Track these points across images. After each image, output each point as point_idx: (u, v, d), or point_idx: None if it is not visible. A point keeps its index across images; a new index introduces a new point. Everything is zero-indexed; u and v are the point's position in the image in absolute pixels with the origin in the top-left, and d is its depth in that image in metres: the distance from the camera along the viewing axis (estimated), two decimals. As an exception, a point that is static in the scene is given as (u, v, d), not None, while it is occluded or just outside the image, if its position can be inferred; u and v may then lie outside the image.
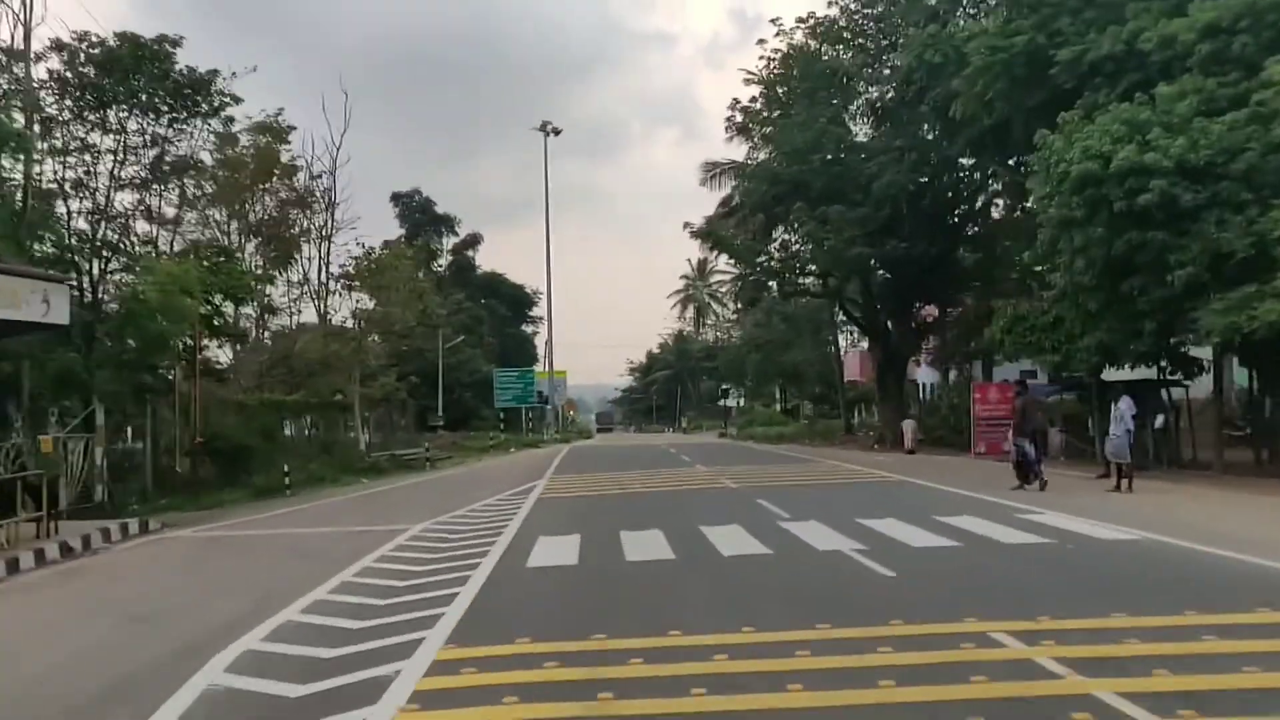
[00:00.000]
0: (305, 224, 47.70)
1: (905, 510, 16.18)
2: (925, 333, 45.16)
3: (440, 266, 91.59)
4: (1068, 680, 6.50)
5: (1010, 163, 30.94)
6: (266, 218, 47.97)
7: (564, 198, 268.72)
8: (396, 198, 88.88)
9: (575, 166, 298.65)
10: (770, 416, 71.28)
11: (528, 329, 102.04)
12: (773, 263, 43.35)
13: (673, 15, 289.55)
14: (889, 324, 42.65)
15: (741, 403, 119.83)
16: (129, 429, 30.03)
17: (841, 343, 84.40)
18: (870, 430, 49.43)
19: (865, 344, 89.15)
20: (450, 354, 73.00)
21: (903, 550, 12.16)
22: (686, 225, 54.83)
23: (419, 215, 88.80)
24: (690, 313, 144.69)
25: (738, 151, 48.67)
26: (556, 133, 75.15)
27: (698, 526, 14.93)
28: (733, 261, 49.63)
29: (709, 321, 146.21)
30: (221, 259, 35.91)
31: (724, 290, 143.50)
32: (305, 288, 48.54)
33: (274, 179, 48.05)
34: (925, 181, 37.05)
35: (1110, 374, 25.10)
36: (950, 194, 39.02)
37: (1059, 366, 24.83)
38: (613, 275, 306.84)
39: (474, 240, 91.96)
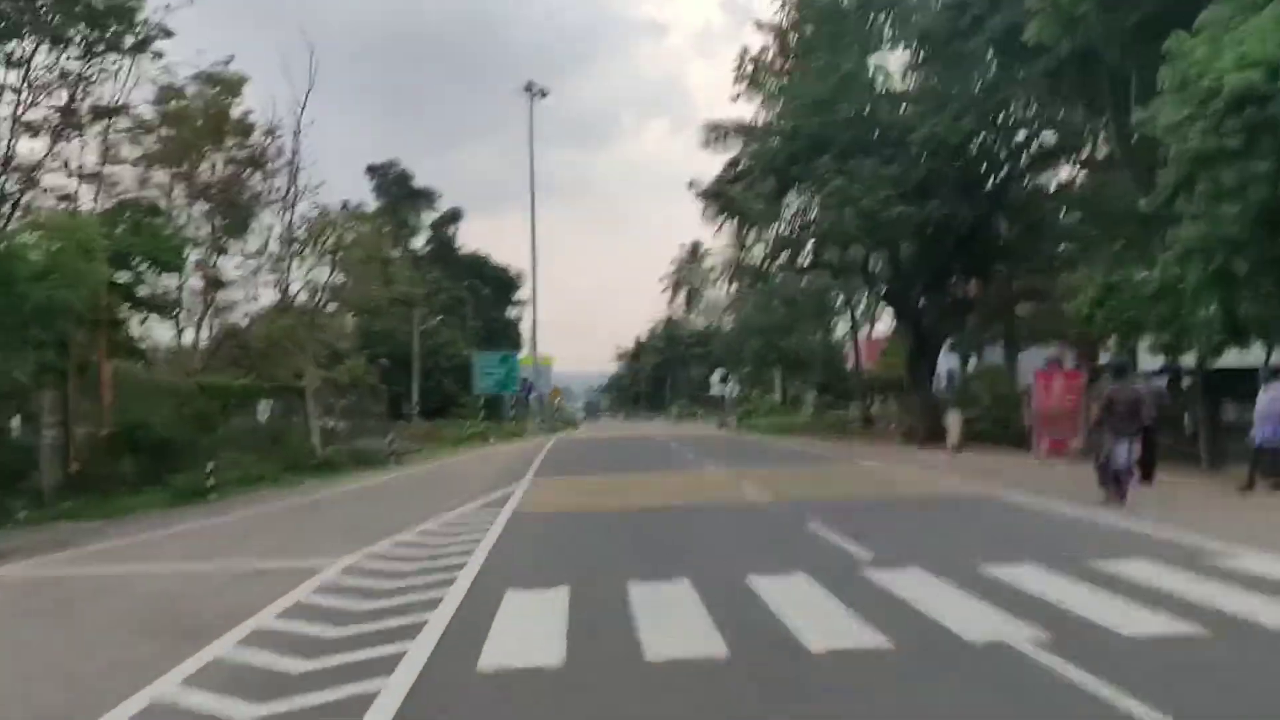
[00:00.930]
0: (262, 188, 42.53)
1: (1043, 550, 11.12)
2: (963, 311, 40.01)
3: (419, 245, 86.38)
4: None
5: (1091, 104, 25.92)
6: (216, 180, 43.33)
7: (552, 187, 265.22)
8: (372, 170, 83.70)
9: (564, 156, 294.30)
10: (773, 406, 66.25)
11: (513, 313, 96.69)
12: (788, 231, 38.32)
13: (664, 3, 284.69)
14: (921, 301, 37.59)
15: (735, 391, 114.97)
16: (16, 418, 24.96)
17: (847, 327, 79.96)
18: (893, 423, 44.56)
19: (871, 329, 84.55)
20: (428, 337, 67.79)
21: (1118, 645, 7.15)
22: (691, 184, 49.63)
23: (395, 189, 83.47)
24: (681, 298, 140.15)
25: (745, 111, 43.83)
26: (543, 94, 70.00)
27: (744, 577, 9.88)
28: (744, 228, 44.38)
29: (700, 306, 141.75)
30: (147, 219, 30.88)
31: (717, 273, 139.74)
32: (264, 259, 43.16)
33: (225, 137, 43.48)
34: (970, 133, 31.88)
35: (1228, 359, 20.06)
36: (999, 148, 33.87)
37: (1169, 347, 19.75)
38: (601, 265, 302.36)
39: (454, 216, 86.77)
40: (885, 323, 60.30)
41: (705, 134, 45.86)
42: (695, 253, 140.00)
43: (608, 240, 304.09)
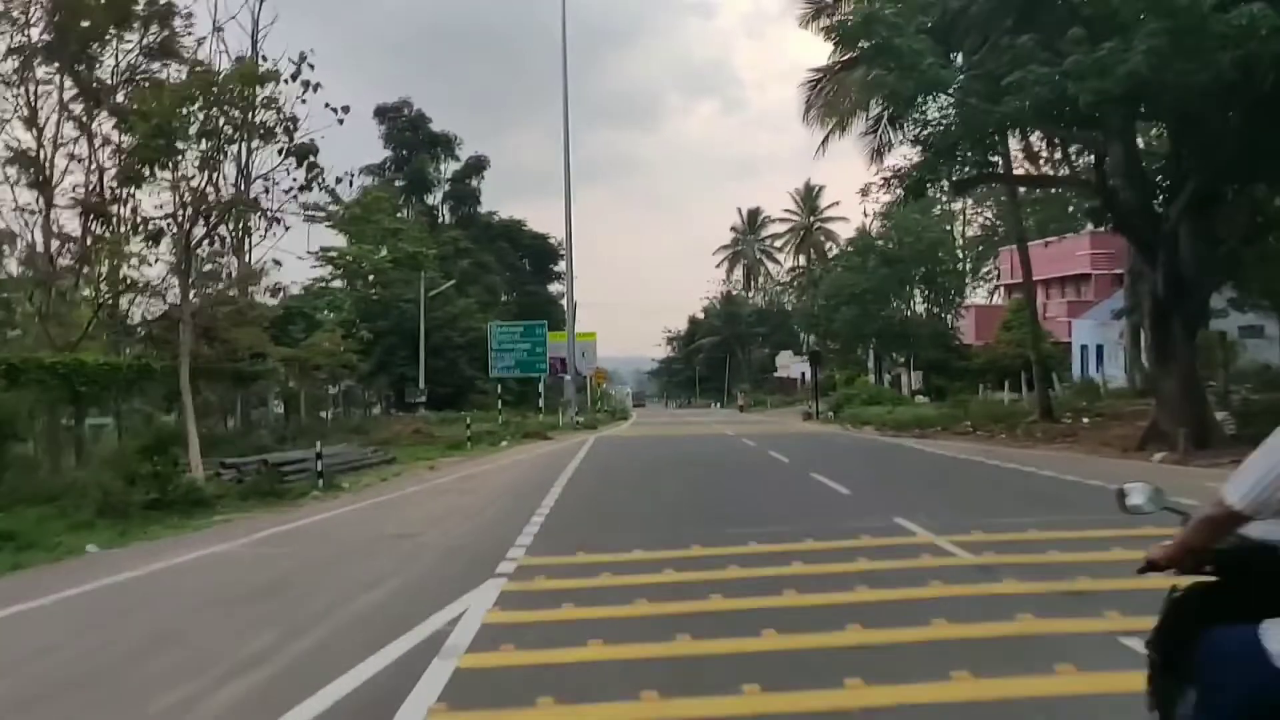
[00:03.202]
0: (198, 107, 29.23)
1: None
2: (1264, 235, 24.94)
3: (437, 201, 73.03)
4: None
5: None
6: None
7: (598, 168, 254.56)
8: (381, 113, 70.07)
9: (611, 137, 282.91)
10: (875, 391, 51.84)
11: (554, 289, 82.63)
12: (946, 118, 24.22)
13: None
14: (1179, 232, 23.08)
15: (812, 373, 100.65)
16: None
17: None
18: (1083, 418, 30.37)
19: (991, 291, 69.96)
20: (438, 305, 54.32)
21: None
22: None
23: (408, 134, 69.98)
24: (739, 273, 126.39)
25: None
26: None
27: None
28: (875, 126, 30.11)
29: (759, 282, 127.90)
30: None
31: (781, 243, 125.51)
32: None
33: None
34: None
35: None
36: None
37: None
38: (649, 247, 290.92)
39: (478, 166, 72.91)
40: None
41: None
42: (754, 223, 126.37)
43: (655, 223, 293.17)
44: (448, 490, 18.96)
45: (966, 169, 24.85)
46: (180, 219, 21.37)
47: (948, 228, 62.37)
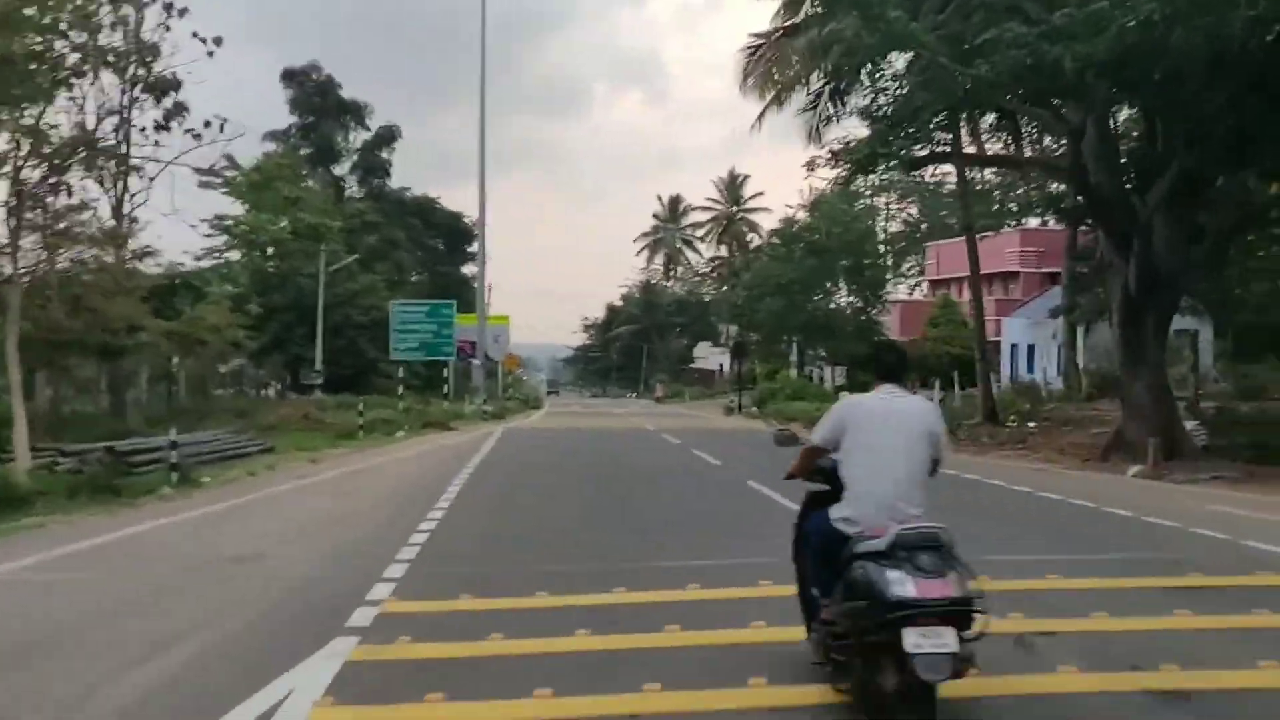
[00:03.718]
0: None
1: None
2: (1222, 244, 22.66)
3: (345, 172, 69.19)
4: None
5: None
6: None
7: (521, 155, 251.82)
8: (289, 75, 65.96)
9: (535, 124, 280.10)
10: (803, 387, 49.44)
11: (467, 271, 78.97)
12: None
13: None
14: (1155, 222, 20.84)
15: (734, 366, 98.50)
16: None
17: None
18: (1032, 423, 28.21)
19: (919, 286, 68.31)
20: (340, 281, 50.76)
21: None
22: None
23: (317, 99, 65.99)
24: (659, 261, 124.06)
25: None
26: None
27: None
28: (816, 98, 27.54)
29: (679, 271, 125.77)
30: None
31: (703, 232, 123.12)
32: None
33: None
34: None
35: None
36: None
37: None
38: (569, 236, 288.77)
39: (389, 137, 69.05)
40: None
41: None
42: (675, 210, 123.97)
43: (577, 211, 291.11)
44: (322, 491, 15.96)
45: (922, 145, 22.37)
46: (15, 161, 18.01)
47: (870, 222, 60.46)
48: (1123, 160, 21.23)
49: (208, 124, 20.20)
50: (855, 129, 25.26)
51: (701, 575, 9.10)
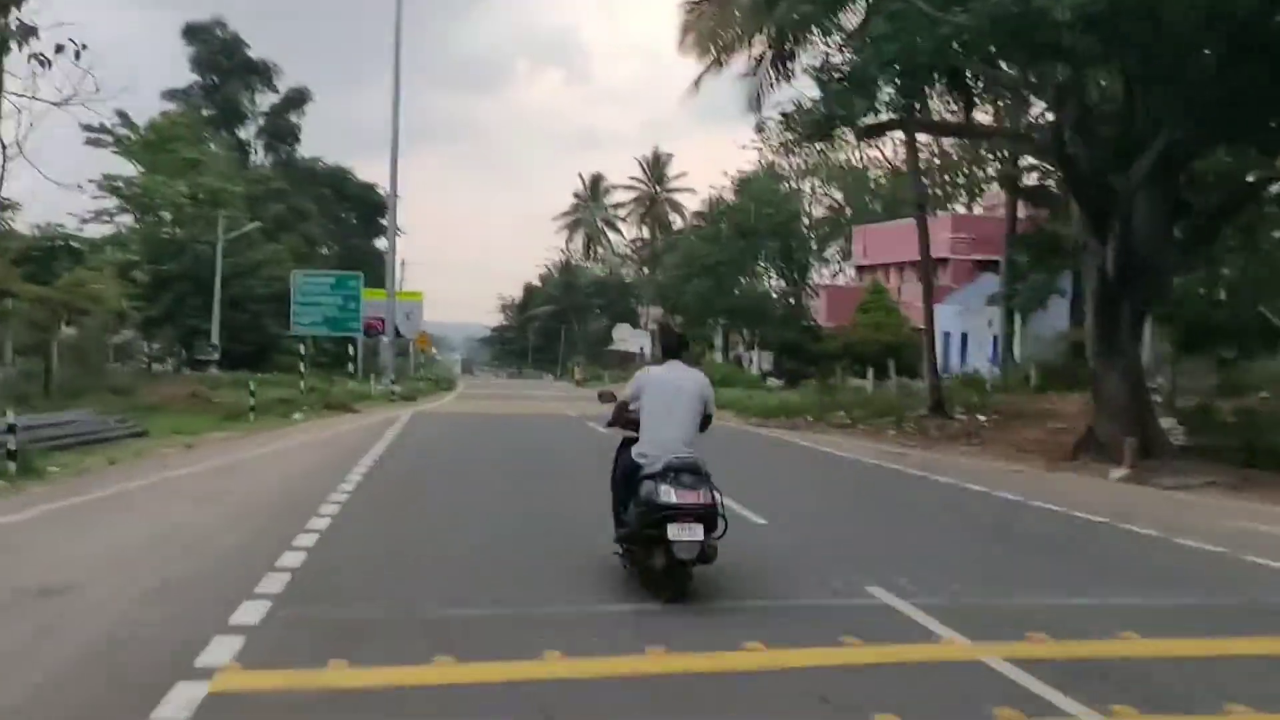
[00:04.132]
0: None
1: None
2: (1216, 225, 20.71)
3: (250, 136, 65.39)
4: None
5: None
6: None
7: (440, 131, 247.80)
8: (191, 32, 62.00)
9: (455, 101, 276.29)
10: (729, 372, 47.20)
11: (381, 245, 75.29)
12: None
13: None
14: (1135, 201, 18.89)
15: (649, 349, 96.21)
16: None
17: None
18: (979, 415, 26.32)
19: (843, 271, 66.75)
20: (239, 250, 47.42)
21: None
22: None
23: (221, 58, 62.13)
24: (578, 242, 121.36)
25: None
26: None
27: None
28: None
29: (599, 251, 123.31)
30: None
31: (625, 212, 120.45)
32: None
33: None
34: None
35: None
36: None
37: None
38: (488, 214, 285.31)
39: (299, 98, 65.37)
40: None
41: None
42: (596, 190, 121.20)
43: (496, 190, 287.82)
44: (183, 492, 13.24)
45: (885, 108, 20.22)
46: None
47: (798, 205, 58.74)
48: (1103, 132, 19.24)
49: (59, 48, 17.26)
50: (803, 93, 22.95)
51: (666, 632, 6.77)
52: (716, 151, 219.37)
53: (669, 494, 7.38)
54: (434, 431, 24.79)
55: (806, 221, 64.28)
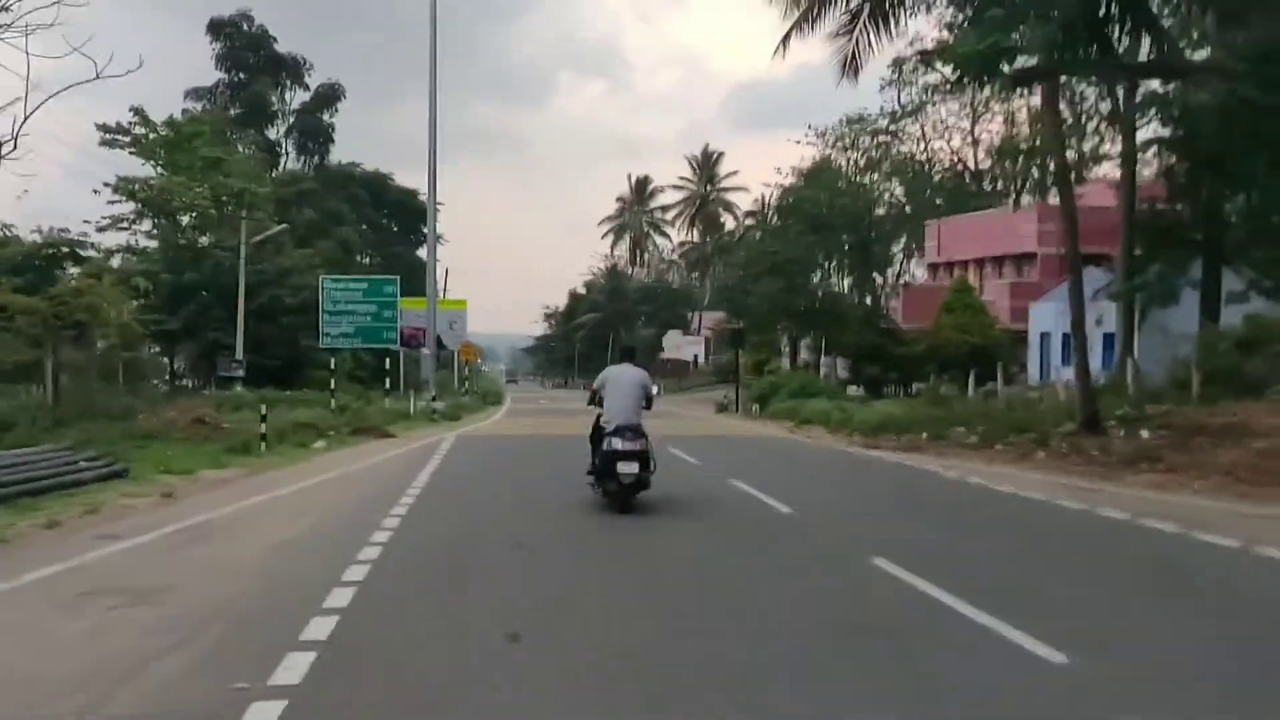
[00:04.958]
0: None
1: None
2: None
3: (278, 136, 61.51)
4: None
5: None
6: None
7: (482, 143, 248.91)
8: (216, 28, 58.24)
9: (496, 113, 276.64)
10: (809, 382, 42.22)
11: (424, 255, 71.05)
12: None
13: None
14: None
15: (703, 356, 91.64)
16: None
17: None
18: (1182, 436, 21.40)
19: (907, 269, 62.03)
20: (265, 258, 43.40)
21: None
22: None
23: (247, 54, 58.31)
24: (623, 249, 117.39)
25: None
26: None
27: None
28: None
29: (645, 256, 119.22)
30: None
31: (673, 215, 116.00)
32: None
33: None
34: None
35: None
36: None
37: None
38: (530, 224, 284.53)
39: (331, 96, 61.39)
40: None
41: None
42: (642, 193, 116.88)
43: (537, 200, 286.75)
44: (106, 587, 8.67)
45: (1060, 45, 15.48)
46: None
47: (877, 193, 53.85)
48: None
49: None
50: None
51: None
52: (757, 159, 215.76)
53: (618, 444, 12.56)
54: (483, 464, 20.28)
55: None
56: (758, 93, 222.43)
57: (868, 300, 49.38)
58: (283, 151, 61.20)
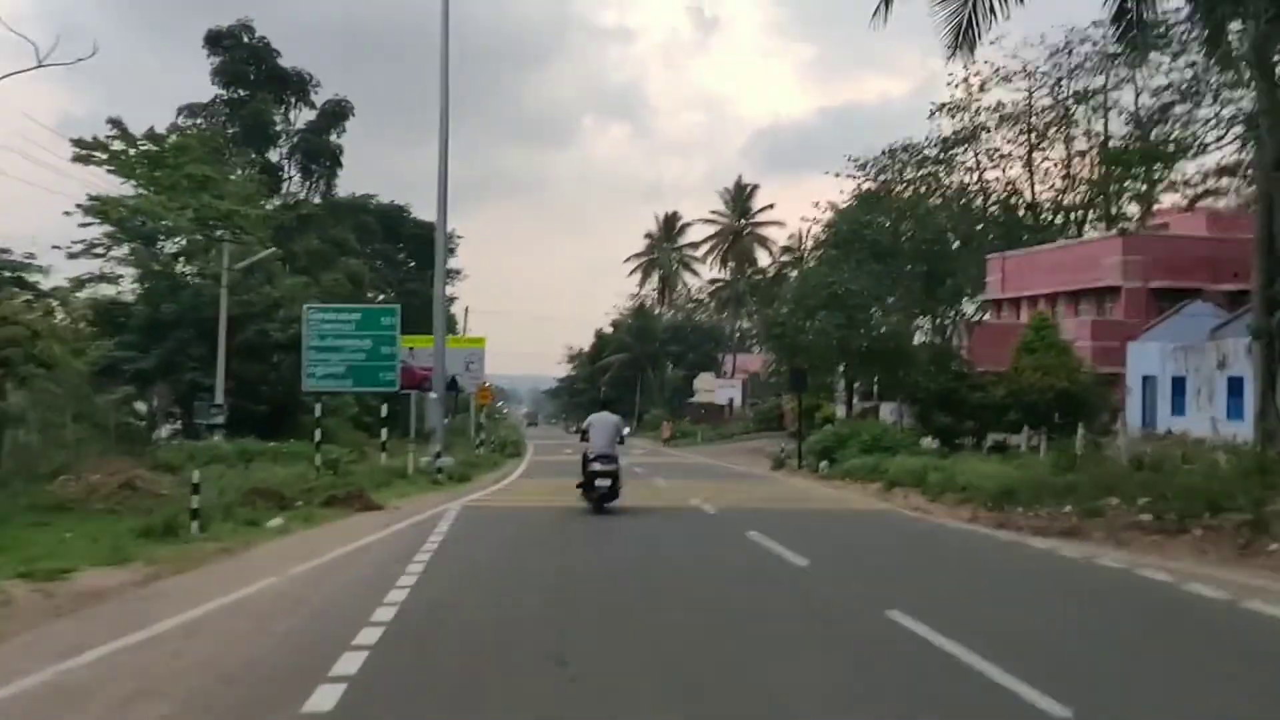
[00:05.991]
0: None
1: None
2: None
3: (280, 158, 56.31)
4: None
5: None
6: None
7: (506, 186, 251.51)
8: (214, 39, 53.27)
9: (521, 155, 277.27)
10: (882, 434, 35.71)
11: (448, 293, 65.60)
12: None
13: (630, 8, 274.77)
14: None
15: (739, 400, 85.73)
16: None
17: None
18: None
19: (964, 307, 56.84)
20: (248, 287, 38.00)
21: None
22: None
23: (247, 68, 53.28)
24: (651, 287, 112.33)
25: None
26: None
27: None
28: None
29: (674, 296, 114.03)
30: None
31: (704, 251, 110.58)
32: None
33: None
34: None
35: None
36: None
37: None
38: (553, 266, 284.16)
39: (339, 113, 56.12)
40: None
41: None
42: (671, 229, 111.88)
43: (560, 242, 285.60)
44: None
45: None
46: None
47: (946, 217, 48.06)
48: None
49: None
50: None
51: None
52: (783, 202, 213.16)
53: (597, 466, 20.24)
54: (493, 567, 14.36)
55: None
56: (779, 137, 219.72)
57: (937, 339, 43.50)
58: (285, 175, 55.99)
